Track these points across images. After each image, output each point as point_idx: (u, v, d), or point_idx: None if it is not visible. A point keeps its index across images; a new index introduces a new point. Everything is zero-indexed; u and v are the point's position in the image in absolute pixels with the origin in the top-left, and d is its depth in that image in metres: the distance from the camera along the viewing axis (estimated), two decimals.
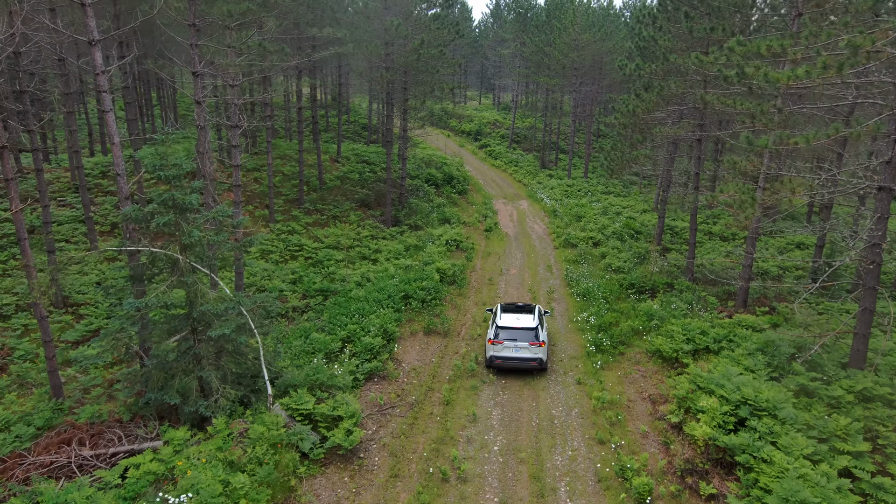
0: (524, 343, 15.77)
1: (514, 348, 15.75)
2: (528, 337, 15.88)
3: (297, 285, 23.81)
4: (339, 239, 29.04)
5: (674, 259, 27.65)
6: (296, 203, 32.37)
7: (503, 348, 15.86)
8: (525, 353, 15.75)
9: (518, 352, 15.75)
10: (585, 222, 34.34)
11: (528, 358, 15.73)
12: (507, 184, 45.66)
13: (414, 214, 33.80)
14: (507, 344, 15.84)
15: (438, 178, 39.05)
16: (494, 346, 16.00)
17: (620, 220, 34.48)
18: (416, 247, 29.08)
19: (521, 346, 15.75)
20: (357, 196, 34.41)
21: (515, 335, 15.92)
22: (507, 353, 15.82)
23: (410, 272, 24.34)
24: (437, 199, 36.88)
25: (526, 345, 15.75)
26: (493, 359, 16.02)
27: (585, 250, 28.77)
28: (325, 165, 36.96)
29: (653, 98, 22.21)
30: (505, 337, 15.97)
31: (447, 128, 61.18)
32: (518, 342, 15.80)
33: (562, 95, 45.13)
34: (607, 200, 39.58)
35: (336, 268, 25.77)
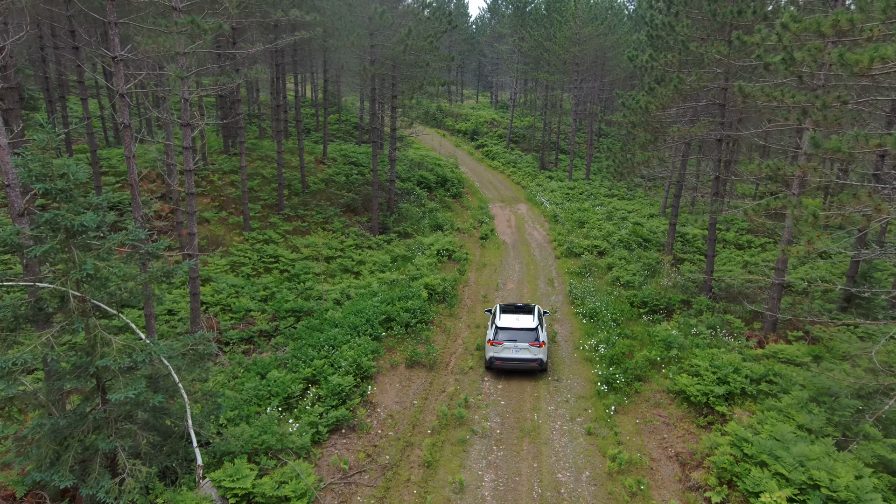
0: (524, 344, 15.37)
1: (514, 349, 15.36)
2: (528, 338, 15.46)
3: (269, 303, 20.89)
4: (320, 249, 26.09)
5: (688, 271, 24.73)
6: (275, 209, 29.42)
7: (503, 349, 15.42)
8: (525, 353, 15.35)
9: (518, 353, 15.35)
10: (589, 228, 31.42)
11: (528, 359, 15.32)
12: (504, 186, 42.72)
13: (403, 220, 30.85)
14: (507, 345, 15.41)
15: (431, 180, 36.11)
16: (494, 347, 15.53)
17: (626, 227, 31.56)
18: (403, 257, 26.14)
19: (521, 347, 15.36)
20: (342, 200, 31.46)
21: (515, 336, 15.49)
22: (508, 354, 15.40)
23: (395, 289, 21.42)
24: (429, 203, 33.93)
25: (526, 345, 15.36)
26: (493, 360, 15.57)
27: (590, 261, 25.85)
28: (310, 167, 34.01)
29: (668, 93, 19.26)
30: (505, 338, 15.50)
31: (442, 127, 58.19)
32: (518, 343, 15.39)
33: (562, 93, 42.22)
34: (611, 204, 36.63)
35: (313, 283, 22.85)
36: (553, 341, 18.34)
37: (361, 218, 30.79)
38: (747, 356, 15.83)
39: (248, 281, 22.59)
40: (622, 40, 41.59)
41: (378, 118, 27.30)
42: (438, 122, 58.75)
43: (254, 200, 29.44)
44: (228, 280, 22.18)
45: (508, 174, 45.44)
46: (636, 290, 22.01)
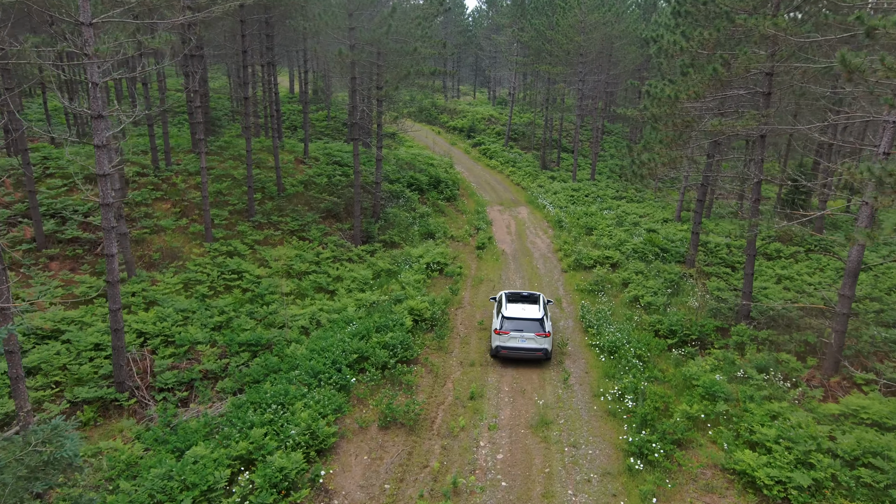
0: (530, 333, 15.25)
1: (520, 339, 15.27)
2: (533, 328, 15.32)
3: (222, 333, 17.08)
4: (292, 262, 22.26)
5: (717, 289, 20.94)
6: (245, 215, 25.56)
7: (509, 339, 15.32)
8: (531, 343, 15.25)
9: (524, 342, 15.27)
10: (598, 236, 27.60)
11: (533, 348, 15.25)
12: (503, 187, 38.86)
13: (390, 228, 27.00)
14: (514, 334, 15.29)
15: (423, 181, 32.24)
16: (500, 336, 15.39)
17: (640, 234, 27.73)
18: (388, 272, 22.31)
19: (526, 337, 15.24)
20: (323, 205, 27.60)
21: (521, 326, 15.35)
22: (513, 344, 15.31)
23: (374, 314, 17.61)
24: (420, 207, 30.07)
25: (532, 335, 15.24)
26: (499, 349, 15.46)
27: (602, 276, 22.02)
28: (287, 168, 30.12)
29: (704, 79, 15.42)
30: (511, 327, 15.33)
31: (437, 124, 54.26)
32: (524, 333, 15.26)
33: (565, 87, 38.35)
34: (621, 208, 32.79)
35: (280, 305, 19.05)
36: (566, 384, 14.54)
37: (343, 225, 26.95)
38: (818, 414, 12.05)
39: (201, 303, 18.77)
40: (630, 29, 37.68)
41: (360, 112, 23.43)
42: (432, 119, 54.85)
43: (220, 206, 25.59)
44: (178, 303, 18.36)
45: (507, 174, 41.58)
46: (661, 316, 18.20)
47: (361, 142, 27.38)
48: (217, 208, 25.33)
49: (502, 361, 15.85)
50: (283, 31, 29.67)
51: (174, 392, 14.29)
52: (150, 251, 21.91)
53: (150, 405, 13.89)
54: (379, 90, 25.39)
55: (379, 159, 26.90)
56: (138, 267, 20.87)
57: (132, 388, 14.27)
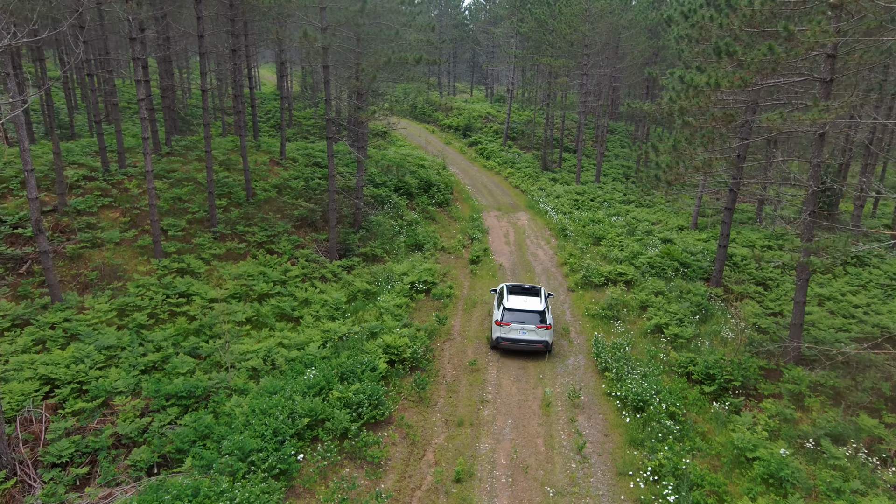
0: (531, 326, 14.72)
1: (521, 330, 14.75)
2: (535, 319, 14.78)
3: (152, 377, 13.59)
4: (254, 282, 18.74)
5: (752, 314, 17.45)
6: (206, 224, 22.03)
7: (510, 330, 14.81)
8: (532, 335, 14.76)
9: (525, 334, 14.76)
10: (607, 247, 24.09)
11: (534, 340, 14.77)
12: (501, 190, 35.31)
13: (373, 238, 23.46)
14: (515, 326, 14.78)
15: (412, 185, 28.69)
16: (501, 327, 14.86)
17: (654, 244, 24.22)
18: (366, 294, 18.80)
19: (528, 329, 14.73)
20: (297, 212, 24.06)
21: (523, 318, 14.80)
22: (514, 335, 14.80)
23: (342, 353, 14.10)
24: (408, 214, 26.53)
25: (533, 327, 14.72)
26: (500, 340, 14.93)
27: (616, 297, 18.50)
28: (260, 170, 26.55)
29: (756, 61, 11.88)
30: (512, 319, 14.80)
31: (431, 122, 50.66)
32: (525, 325, 14.75)
33: (569, 80, 34.80)
34: (630, 213, 29.27)
35: (228, 340, 15.54)
36: (581, 455, 11.04)
37: (320, 235, 23.41)
38: None
39: (135, 336, 15.26)
40: (639, 18, 34.14)
41: (334, 106, 19.84)
42: (426, 117, 51.25)
43: (178, 214, 22.05)
44: (105, 337, 14.85)
45: (506, 176, 38.02)
46: (692, 353, 14.69)
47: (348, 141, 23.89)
48: (173, 217, 21.80)
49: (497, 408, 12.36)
50: (256, 17, 26.08)
51: (68, 468, 10.78)
52: (86, 269, 18.39)
53: (34, 488, 10.38)
54: (358, 81, 21.85)
55: (360, 160, 23.36)
56: (69, 289, 17.36)
57: (15, 464, 10.76)
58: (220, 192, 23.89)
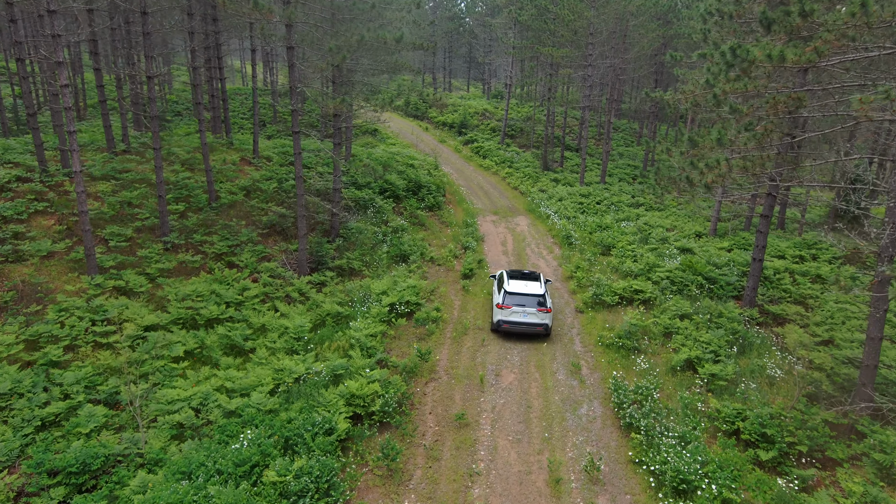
0: (532, 308, 14.62)
1: (521, 313, 14.63)
2: (535, 303, 14.70)
3: (44, 439, 10.37)
4: (205, 303, 15.49)
5: (799, 344, 14.22)
6: (156, 233, 18.78)
7: (511, 313, 14.65)
8: (532, 318, 14.65)
9: (526, 317, 14.65)
10: (619, 257, 20.88)
11: (535, 323, 14.64)
12: (498, 192, 32.04)
13: (351, 249, 20.21)
14: (516, 309, 14.62)
15: (399, 186, 25.40)
16: (503, 310, 14.69)
17: (672, 254, 21.00)
18: (336, 319, 15.55)
19: (528, 312, 14.60)
20: (266, 218, 20.81)
21: (523, 301, 14.71)
22: (515, 318, 14.66)
23: (293, 407, 10.88)
24: (394, 219, 23.26)
25: (533, 310, 14.62)
26: (501, 323, 14.74)
27: (635, 323, 15.24)
28: (228, 171, 23.26)
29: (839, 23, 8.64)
30: (513, 302, 14.66)
31: (425, 119, 47.35)
32: (526, 308, 14.63)
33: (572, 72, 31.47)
34: (641, 218, 26.02)
35: (162, 378, 12.35)
36: None
37: (290, 245, 20.16)
38: None
39: (41, 378, 12.04)
40: (648, 4, 30.86)
41: (297, 97, 16.55)
42: (420, 113, 47.92)
43: (125, 221, 18.80)
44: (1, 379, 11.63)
45: (503, 176, 34.75)
46: (738, 403, 11.46)
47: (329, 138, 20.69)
48: (119, 225, 18.55)
49: (491, 485, 9.13)
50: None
51: None
52: (0, 289, 15.14)
53: None
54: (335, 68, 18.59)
55: (336, 160, 20.08)
56: None
57: None
58: (177, 195, 20.64)
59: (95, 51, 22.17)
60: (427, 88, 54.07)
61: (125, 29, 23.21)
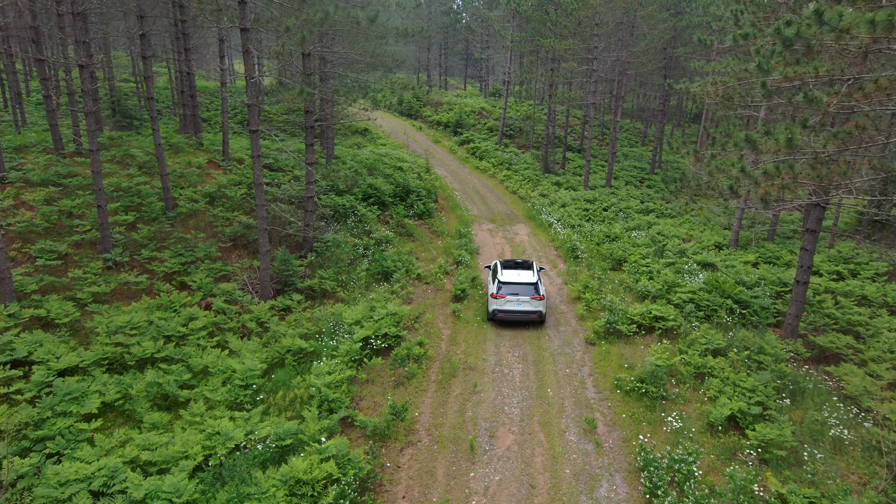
0: (525, 297, 14.63)
1: (516, 302, 14.62)
2: (528, 291, 14.72)
3: None
4: (142, 337, 12.62)
5: (861, 389, 11.39)
6: (97, 247, 15.93)
7: (506, 302, 14.64)
8: (526, 306, 14.64)
9: (520, 305, 14.65)
10: (632, 273, 18.05)
11: (529, 311, 14.63)
12: (496, 196, 29.17)
13: (325, 266, 17.34)
14: (510, 298, 14.62)
15: (385, 192, 22.52)
16: (497, 300, 14.70)
17: (692, 269, 18.17)
18: (298, 357, 12.68)
19: (522, 300, 14.62)
20: (230, 230, 17.94)
21: (517, 290, 14.72)
22: (510, 307, 14.66)
23: (218, 496, 8.01)
24: (378, 229, 20.39)
25: (527, 298, 14.62)
26: (497, 312, 14.75)
27: (660, 362, 12.38)
28: (191, 175, 20.36)
29: None
30: (507, 291, 14.68)
31: (419, 118, 44.41)
32: (520, 296, 14.64)
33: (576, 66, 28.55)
34: (654, 227, 23.16)
35: (64, 444, 9.51)
36: None
37: (257, 260, 17.29)
38: None
39: None
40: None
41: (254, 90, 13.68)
42: (413, 112, 45.01)
43: (62, 234, 15.94)
44: None
45: (501, 179, 31.86)
46: (807, 486, 8.62)
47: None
48: (53, 239, 15.69)
49: None
50: None
51: None
52: None
53: None
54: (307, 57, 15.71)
55: (310, 163, 17.19)
56: None
57: None
58: (128, 203, 17.78)
59: (37, 39, 19.28)
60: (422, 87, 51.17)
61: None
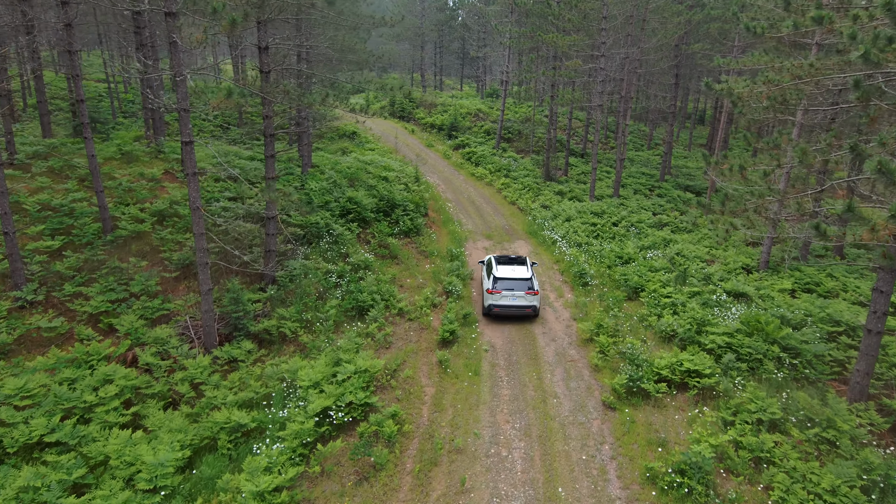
0: (520, 292, 14.61)
1: (511, 297, 14.59)
2: (523, 286, 14.67)
3: None
4: (33, 412, 9.58)
5: None
6: (10, 283, 12.90)
7: (501, 297, 14.62)
8: (521, 301, 14.62)
9: (515, 300, 14.61)
10: (652, 307, 15.07)
11: (524, 305, 14.64)
12: (492, 207, 26.14)
13: (288, 300, 14.28)
14: (505, 293, 14.59)
15: (366, 206, 19.47)
16: (493, 295, 14.67)
17: (721, 300, 15.17)
18: (233, 437, 9.63)
19: (517, 295, 14.58)
20: (178, 256, 14.91)
21: (513, 285, 14.65)
22: (506, 302, 14.61)
23: None
24: (357, 252, 17.34)
25: (522, 293, 14.60)
26: (492, 307, 14.70)
27: (708, 452, 9.38)
28: (139, 191, 17.29)
29: None
30: (503, 287, 14.63)
31: (412, 120, 41.28)
32: (515, 291, 14.60)
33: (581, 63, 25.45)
34: (673, 247, 20.13)
35: None
36: None
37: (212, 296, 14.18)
38: None
39: None
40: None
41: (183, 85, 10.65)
42: (406, 114, 41.91)
43: None
44: None
45: (499, 188, 28.81)
46: None
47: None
48: None
49: None
50: None
51: None
52: None
53: None
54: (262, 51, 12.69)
55: (271, 178, 14.15)
56: None
57: None
58: (56, 225, 14.77)
59: None
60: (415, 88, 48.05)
61: None
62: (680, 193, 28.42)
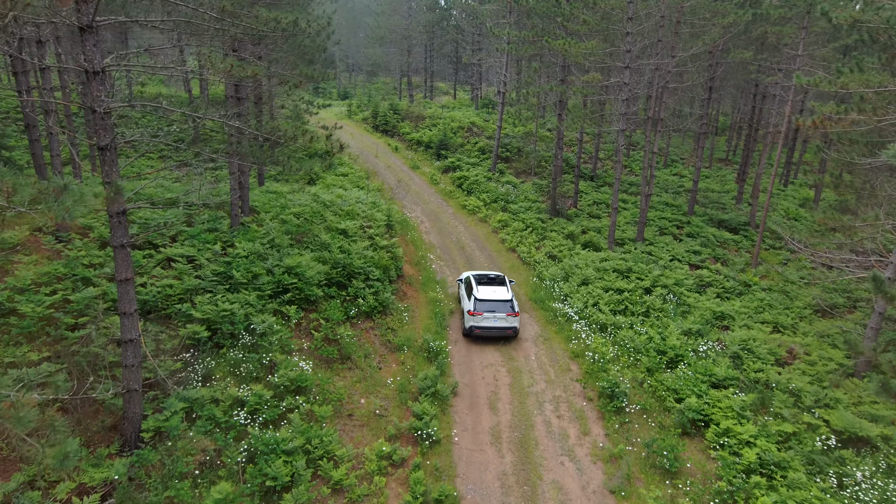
0: (501, 313, 14.27)
1: (492, 318, 14.25)
2: (504, 308, 14.32)
3: None
4: None
5: None
6: None
7: (482, 319, 14.27)
8: (503, 322, 14.27)
9: (496, 321, 14.25)
10: (728, 465, 9.35)
11: (504, 327, 14.30)
12: (487, 257, 20.39)
13: (149, 482, 8.52)
14: (486, 315, 14.25)
15: (313, 279, 13.67)
16: (474, 317, 14.30)
17: (832, 446, 9.47)
18: None
19: (498, 317, 14.25)
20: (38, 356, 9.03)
21: (494, 307, 14.31)
22: (487, 323, 14.28)
23: None
24: (286, 361, 11.56)
25: (503, 315, 14.27)
26: (474, 328, 14.34)
27: None
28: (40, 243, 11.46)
29: None
30: (483, 308, 14.27)
31: (395, 134, 35.30)
32: (496, 313, 14.26)
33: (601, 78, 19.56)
34: (734, 330, 14.39)
35: None
36: None
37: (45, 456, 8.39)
38: None
39: None
40: None
41: None
42: (390, 128, 35.97)
43: None
44: None
45: (495, 227, 23.00)
46: None
47: None
48: None
49: None
50: None
51: None
52: None
53: None
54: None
55: (118, 246, 8.42)
56: None
57: None
58: None
59: None
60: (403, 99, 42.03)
61: None
62: (714, 232, 22.70)
